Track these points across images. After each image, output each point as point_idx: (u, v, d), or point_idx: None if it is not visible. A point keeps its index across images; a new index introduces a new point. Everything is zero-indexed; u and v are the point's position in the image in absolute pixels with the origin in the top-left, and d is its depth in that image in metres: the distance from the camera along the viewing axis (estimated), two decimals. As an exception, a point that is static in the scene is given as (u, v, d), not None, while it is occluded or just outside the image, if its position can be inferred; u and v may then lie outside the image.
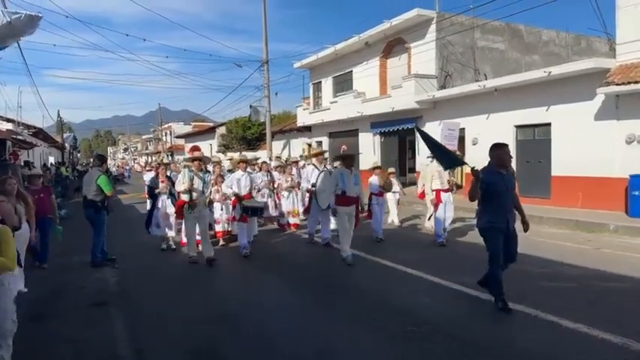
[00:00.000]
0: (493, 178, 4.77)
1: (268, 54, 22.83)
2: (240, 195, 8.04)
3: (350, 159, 7.67)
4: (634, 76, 10.50)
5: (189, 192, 7.33)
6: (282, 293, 6.00)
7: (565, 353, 3.86)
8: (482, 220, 4.93)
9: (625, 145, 11.12)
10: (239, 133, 36.04)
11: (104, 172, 7.73)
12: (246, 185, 8.19)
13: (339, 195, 7.29)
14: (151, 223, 8.50)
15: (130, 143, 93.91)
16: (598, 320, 4.40)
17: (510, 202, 4.94)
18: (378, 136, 20.67)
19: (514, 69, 17.51)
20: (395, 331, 4.41)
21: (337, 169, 7.70)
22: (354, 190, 7.38)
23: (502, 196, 4.82)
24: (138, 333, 4.56)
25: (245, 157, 8.96)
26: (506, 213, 4.87)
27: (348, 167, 7.46)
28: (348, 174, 7.36)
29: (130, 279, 6.73)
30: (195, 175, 7.42)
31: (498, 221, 4.82)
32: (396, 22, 17.97)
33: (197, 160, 7.66)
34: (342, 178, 7.30)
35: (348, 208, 7.36)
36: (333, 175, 7.57)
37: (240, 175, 8.24)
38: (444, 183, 8.53)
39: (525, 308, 4.86)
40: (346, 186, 7.24)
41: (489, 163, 4.95)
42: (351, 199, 7.37)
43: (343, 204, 7.31)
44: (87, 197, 7.45)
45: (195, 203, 7.39)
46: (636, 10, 10.95)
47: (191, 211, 7.37)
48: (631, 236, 9.07)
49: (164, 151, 54.55)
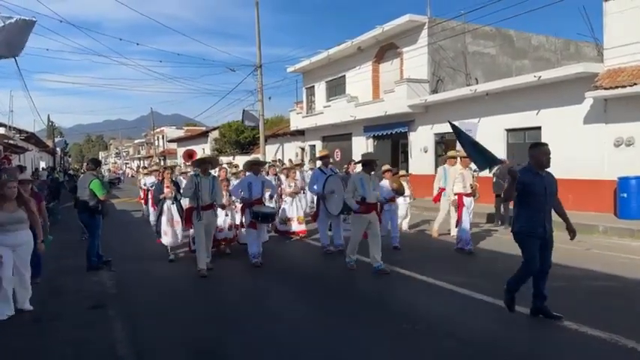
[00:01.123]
0: (531, 178, 4.46)
1: (261, 58, 22.95)
2: (252, 200, 7.52)
3: (372, 164, 7.16)
4: (621, 80, 10.73)
5: (196, 197, 6.94)
6: (285, 296, 5.96)
7: (555, 349, 4.00)
8: (518, 224, 4.60)
9: (613, 148, 11.34)
10: (232, 137, 36.07)
11: (98, 177, 7.70)
12: (257, 190, 7.61)
13: (358, 202, 6.83)
14: (160, 230, 8.05)
15: (121, 148, 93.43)
16: (588, 318, 4.53)
17: (549, 207, 4.59)
18: (371, 140, 20.83)
19: (505, 73, 17.75)
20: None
21: (357, 174, 7.25)
22: (374, 196, 6.97)
23: (540, 199, 4.48)
24: (137, 334, 4.60)
25: (258, 159, 8.41)
26: (544, 217, 4.53)
27: (369, 172, 7.04)
28: (368, 179, 6.94)
29: (127, 282, 6.75)
30: (203, 179, 7.03)
31: (535, 226, 4.50)
32: (388, 28, 18.16)
33: (205, 162, 7.32)
34: (362, 184, 6.85)
35: (369, 215, 6.90)
36: (352, 180, 7.07)
37: (252, 179, 7.68)
38: (466, 187, 8.14)
39: (518, 307, 4.93)
40: (366, 192, 6.79)
41: (529, 163, 4.66)
42: (370, 206, 6.91)
43: (363, 211, 6.85)
44: (81, 201, 7.43)
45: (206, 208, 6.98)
46: (623, 16, 11.21)
47: (200, 219, 6.94)
48: (619, 237, 9.26)
49: (156, 156, 54.40)
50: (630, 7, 11.10)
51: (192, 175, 7.25)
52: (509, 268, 5.22)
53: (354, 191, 6.86)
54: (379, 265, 6.77)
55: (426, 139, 17.68)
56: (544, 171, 4.57)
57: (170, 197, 8.01)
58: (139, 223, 13.33)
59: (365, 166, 7.11)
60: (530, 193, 4.46)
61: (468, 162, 7.97)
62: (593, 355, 3.88)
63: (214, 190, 7.12)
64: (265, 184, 7.93)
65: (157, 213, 8.43)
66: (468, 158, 6.71)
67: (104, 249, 7.86)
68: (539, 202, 4.49)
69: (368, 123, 20.21)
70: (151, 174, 13.40)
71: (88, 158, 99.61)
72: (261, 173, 8.41)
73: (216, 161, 8.00)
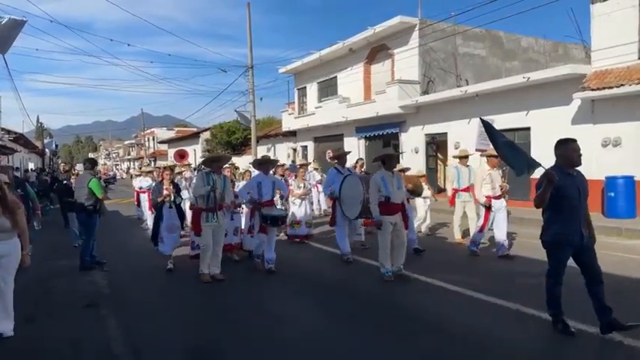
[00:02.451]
0: (562, 180, 3.96)
1: (253, 59, 22.96)
2: (262, 202, 6.93)
3: (392, 160, 6.60)
4: (608, 81, 10.92)
5: (213, 197, 6.37)
6: (288, 299, 5.76)
7: (546, 343, 4.11)
8: (550, 232, 4.14)
9: (601, 148, 11.53)
10: (223, 138, 36.00)
11: (95, 176, 7.73)
12: (268, 191, 7.02)
13: (382, 202, 6.24)
14: (160, 239, 7.27)
15: (111, 149, 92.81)
16: (576, 313, 4.61)
17: (584, 210, 4.15)
18: (363, 141, 20.93)
19: (494, 75, 17.95)
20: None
21: (377, 173, 6.52)
22: (399, 195, 6.38)
23: (574, 202, 4.03)
24: (132, 333, 4.61)
25: (268, 157, 7.60)
26: (579, 222, 4.08)
27: (390, 169, 6.44)
28: (390, 177, 6.34)
29: (120, 281, 6.74)
30: (217, 178, 6.52)
31: (570, 233, 4.05)
32: (379, 29, 18.28)
33: (221, 160, 6.93)
34: (385, 183, 6.26)
35: (393, 217, 6.28)
36: (374, 180, 6.38)
37: (261, 179, 7.08)
38: (495, 188, 7.44)
39: (510, 304, 5.09)
40: (390, 191, 6.22)
41: (556, 163, 4.19)
42: (395, 207, 6.31)
43: (387, 212, 6.24)
44: (79, 201, 7.42)
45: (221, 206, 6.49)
46: (610, 18, 11.40)
47: (212, 220, 6.41)
48: (607, 235, 9.40)
49: (147, 157, 54.10)
50: (617, 10, 11.29)
51: (203, 172, 6.70)
52: (496, 267, 5.31)
53: (378, 192, 6.26)
54: (398, 270, 6.31)
55: (417, 139, 17.81)
56: (574, 170, 4.16)
57: (169, 200, 7.26)
58: (131, 224, 13.27)
59: (384, 163, 6.50)
60: (563, 196, 3.99)
61: (497, 162, 7.42)
62: (586, 350, 3.98)
63: (225, 190, 6.66)
64: (276, 184, 7.29)
65: (154, 218, 7.70)
66: (499, 159, 5.81)
67: (97, 249, 7.83)
68: (573, 205, 4.03)
69: (360, 124, 20.32)
70: (146, 175, 12.86)
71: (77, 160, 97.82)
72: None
73: (227, 159, 7.51)
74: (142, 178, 13.02)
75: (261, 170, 7.24)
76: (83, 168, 8.18)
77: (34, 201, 7.51)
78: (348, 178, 7.48)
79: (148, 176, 12.58)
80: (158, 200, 7.26)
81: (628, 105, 10.95)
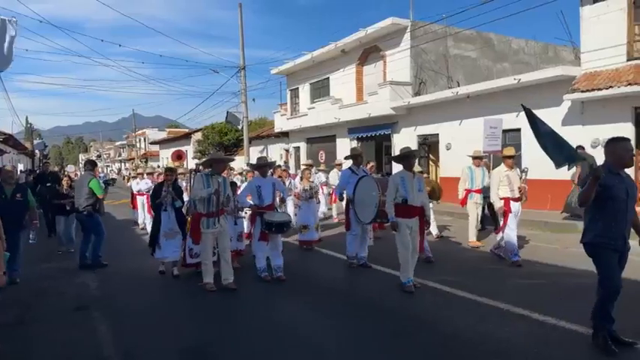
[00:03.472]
0: (610, 180, 3.74)
1: (245, 60, 22.90)
2: (263, 206, 6.54)
3: (410, 159, 6.04)
4: (597, 83, 11.04)
5: (215, 200, 5.93)
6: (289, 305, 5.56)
7: (534, 342, 4.12)
8: (592, 234, 3.86)
9: (591, 149, 11.63)
10: (215, 139, 35.86)
11: (95, 176, 7.89)
12: (268, 195, 6.62)
13: (399, 204, 5.81)
14: (157, 244, 6.94)
15: (102, 150, 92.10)
16: (565, 313, 4.69)
17: (631, 214, 3.86)
18: (355, 142, 20.95)
19: (486, 76, 18.06)
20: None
21: (397, 173, 6.09)
22: (419, 197, 5.89)
23: (621, 205, 3.78)
24: (123, 335, 4.60)
25: (265, 159, 7.24)
26: (624, 227, 3.83)
27: (409, 169, 5.97)
28: (410, 178, 5.89)
29: (111, 284, 6.69)
30: (215, 178, 6.08)
31: (613, 236, 3.79)
32: (371, 31, 18.32)
33: (224, 161, 6.52)
34: (404, 184, 5.83)
35: (410, 221, 5.84)
36: (392, 181, 5.97)
37: (260, 182, 6.69)
38: (514, 190, 7.15)
39: (500, 304, 5.13)
40: (408, 193, 5.78)
41: (605, 162, 3.93)
42: (413, 210, 5.86)
43: (404, 215, 5.80)
44: (78, 201, 7.61)
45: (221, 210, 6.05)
46: (599, 20, 11.52)
47: (213, 226, 5.98)
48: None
49: (138, 158, 53.78)
50: (606, 13, 11.41)
51: (204, 174, 6.22)
52: (488, 268, 5.33)
53: (396, 194, 5.84)
54: (407, 281, 5.81)
55: (409, 140, 17.85)
56: (624, 171, 3.91)
57: (167, 202, 6.89)
58: (124, 226, 13.17)
59: (404, 161, 6.02)
60: (609, 197, 3.74)
61: (512, 162, 7.30)
62: (570, 347, 4.01)
63: (227, 192, 6.20)
64: (276, 186, 6.88)
65: (152, 222, 7.35)
66: (544, 152, 4.36)
67: (89, 250, 7.78)
68: (619, 208, 3.77)
69: (352, 125, 20.35)
70: (144, 176, 12.48)
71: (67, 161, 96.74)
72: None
73: (229, 160, 7.08)
74: (141, 179, 12.55)
75: (259, 173, 6.91)
76: (84, 169, 8.32)
77: (32, 210, 6.85)
78: (363, 180, 7.02)
79: (148, 178, 12.10)
80: (157, 202, 6.95)
81: (617, 106, 11.07)
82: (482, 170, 8.82)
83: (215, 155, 6.61)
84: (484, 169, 8.91)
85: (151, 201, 7.37)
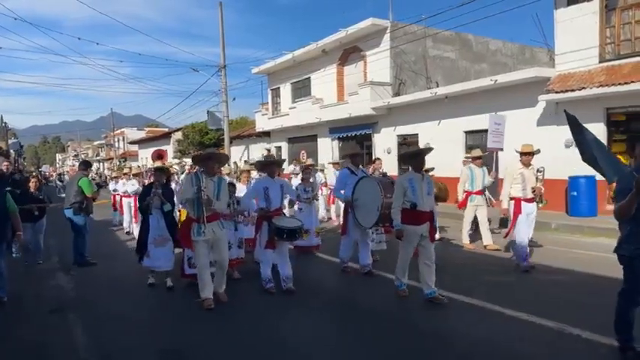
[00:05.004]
0: None
1: (225, 59, 22.77)
2: (270, 211, 5.86)
3: (420, 158, 5.44)
4: (571, 84, 11.32)
5: (198, 204, 5.18)
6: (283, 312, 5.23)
7: (507, 337, 4.22)
8: (631, 246, 3.58)
9: (564, 148, 11.92)
10: (196, 138, 35.55)
11: (87, 176, 8.02)
12: (276, 197, 5.95)
13: (407, 210, 5.25)
14: (145, 251, 6.30)
15: (80, 150, 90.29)
16: (537, 308, 4.81)
17: None
18: (337, 142, 21.05)
19: (464, 77, 18.32)
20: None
21: (405, 175, 5.51)
22: (428, 202, 5.34)
23: None
24: (99, 338, 4.55)
25: (273, 156, 6.78)
26: None
27: (418, 170, 5.39)
28: (419, 180, 5.31)
29: (87, 286, 6.60)
30: (208, 181, 5.32)
31: None
32: (352, 31, 18.41)
33: (212, 159, 5.52)
34: (412, 187, 5.25)
35: (420, 228, 5.30)
36: (400, 183, 5.39)
37: (268, 184, 5.96)
38: (526, 190, 6.64)
39: (475, 300, 5.23)
40: (417, 197, 5.23)
41: (638, 166, 3.64)
42: (423, 216, 5.31)
43: (412, 222, 5.25)
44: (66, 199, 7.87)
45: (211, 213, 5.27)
46: (572, 23, 11.81)
47: (203, 232, 5.23)
48: (571, 233, 9.77)
49: (116, 158, 52.97)
50: (579, 16, 11.70)
51: (192, 174, 5.59)
52: (463, 266, 5.40)
53: (403, 197, 5.30)
54: (432, 292, 5.28)
55: (389, 140, 18.02)
56: None
57: (157, 203, 6.21)
58: (103, 227, 12.96)
59: (413, 161, 5.46)
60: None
61: (530, 159, 6.75)
62: (541, 342, 4.11)
63: (220, 194, 5.41)
64: (284, 188, 6.18)
65: (139, 227, 6.75)
66: (591, 167, 4.27)
67: (62, 250, 7.71)
68: None
69: (333, 124, 20.43)
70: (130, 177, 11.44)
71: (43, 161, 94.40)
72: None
73: (225, 158, 6.23)
74: (127, 180, 11.48)
75: (266, 172, 6.16)
76: (78, 169, 8.54)
77: (14, 217, 5.80)
78: (363, 181, 6.50)
79: (135, 179, 11.05)
80: (144, 205, 6.29)
81: (589, 107, 11.36)
82: (483, 170, 8.54)
83: (205, 152, 5.75)
84: (484, 169, 8.60)
85: (138, 204, 6.69)
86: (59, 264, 8.00)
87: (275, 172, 6.09)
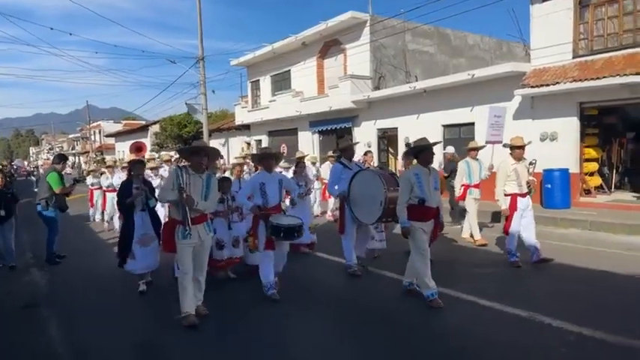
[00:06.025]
0: None
1: (204, 50, 22.49)
2: (267, 208, 5.37)
3: (428, 152, 5.10)
4: (545, 79, 11.54)
5: (182, 204, 4.52)
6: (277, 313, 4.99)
7: (481, 326, 4.33)
8: None
9: (539, 142, 12.18)
10: (174, 131, 35.10)
11: (57, 170, 7.58)
12: (274, 193, 5.46)
13: (414, 205, 4.97)
14: (127, 253, 5.78)
15: (54, 143, 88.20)
16: (510, 298, 4.93)
17: None
18: (317, 135, 21.05)
19: (442, 71, 18.49)
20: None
21: (411, 169, 5.25)
22: (435, 197, 5.06)
23: None
24: (74, 333, 4.50)
25: (271, 150, 6.01)
26: None
27: (426, 165, 5.09)
28: (426, 175, 5.02)
29: (61, 282, 6.50)
30: (194, 177, 4.67)
31: None
32: (331, 24, 18.38)
33: (199, 153, 4.77)
34: (419, 182, 4.96)
35: (426, 224, 5.05)
36: (406, 178, 5.07)
37: (265, 179, 5.46)
38: (522, 185, 6.48)
39: (451, 291, 5.30)
40: (425, 193, 4.94)
41: None
42: (430, 212, 5.04)
43: (420, 218, 5.00)
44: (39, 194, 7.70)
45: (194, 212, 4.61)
46: (548, 19, 12.02)
47: (187, 236, 4.58)
48: (544, 225, 9.99)
49: (93, 151, 51.93)
50: (554, 12, 11.92)
51: (175, 169, 4.88)
52: (442, 260, 5.43)
53: (409, 193, 5.00)
54: (409, 284, 5.29)
55: (370, 134, 18.11)
56: None
57: (140, 200, 5.82)
58: (77, 222, 12.73)
59: (420, 155, 5.13)
60: None
61: (522, 153, 6.59)
62: (512, 330, 4.22)
63: (209, 194, 4.78)
64: (284, 183, 5.68)
65: (121, 227, 6.25)
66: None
67: (36, 246, 7.56)
68: None
69: (313, 118, 20.42)
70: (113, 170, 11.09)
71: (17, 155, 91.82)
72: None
73: (215, 152, 5.52)
74: (111, 173, 10.99)
75: (262, 167, 5.66)
76: (51, 162, 8.26)
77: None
78: (360, 174, 6.13)
79: (122, 172, 10.14)
80: (127, 202, 5.80)
81: (563, 101, 11.62)
82: (479, 163, 8.49)
83: (192, 145, 4.95)
84: (480, 161, 8.54)
85: (119, 201, 6.06)
86: (33, 259, 7.84)
87: (272, 166, 5.57)
